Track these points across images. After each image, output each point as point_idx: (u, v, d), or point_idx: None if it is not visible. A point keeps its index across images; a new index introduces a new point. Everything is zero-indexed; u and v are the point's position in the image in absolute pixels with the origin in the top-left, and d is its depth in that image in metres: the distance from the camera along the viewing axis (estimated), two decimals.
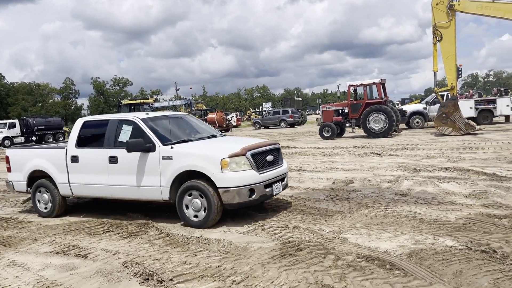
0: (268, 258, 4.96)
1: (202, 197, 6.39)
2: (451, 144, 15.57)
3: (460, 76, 20.23)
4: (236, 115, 59.40)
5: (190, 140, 7.33)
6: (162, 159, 6.69)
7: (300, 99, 69.17)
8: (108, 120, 7.63)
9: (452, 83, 19.49)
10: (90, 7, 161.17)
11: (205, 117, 39.96)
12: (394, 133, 21.81)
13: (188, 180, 6.54)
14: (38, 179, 8.18)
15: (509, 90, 33.06)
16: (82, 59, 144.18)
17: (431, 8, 19.41)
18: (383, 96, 22.51)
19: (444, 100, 20.18)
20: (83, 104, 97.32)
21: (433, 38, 19.39)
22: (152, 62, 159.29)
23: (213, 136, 7.89)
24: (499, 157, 11.72)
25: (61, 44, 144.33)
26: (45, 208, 8.14)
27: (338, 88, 30.15)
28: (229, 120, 45.99)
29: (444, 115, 19.40)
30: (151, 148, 6.78)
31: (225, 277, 4.52)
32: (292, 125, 41.67)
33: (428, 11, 19.46)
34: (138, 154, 6.87)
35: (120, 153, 7.07)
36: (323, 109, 24.74)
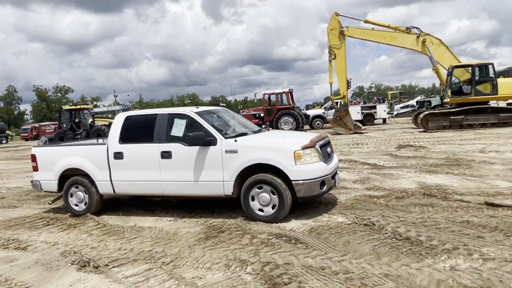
0: (195, 241, 4.86)
1: (272, 191, 5.36)
2: (344, 141, 16.43)
3: (349, 87, 21.38)
4: None
5: (246, 134, 6.19)
6: (226, 152, 5.56)
7: (224, 105, 69.17)
8: (155, 114, 6.24)
9: (343, 92, 20.60)
10: (32, 22, 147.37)
11: None
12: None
13: (250, 174, 5.49)
14: (68, 178, 6.64)
15: (385, 99, 35.62)
16: (24, 69, 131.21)
17: (327, 33, 20.35)
18: (291, 103, 23.37)
19: (338, 106, 21.27)
20: (26, 109, 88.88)
21: (329, 56, 20.31)
22: (92, 72, 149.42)
23: (259, 131, 6.71)
24: (378, 150, 12.58)
25: (4, 55, 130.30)
26: (79, 206, 6.62)
27: (255, 96, 30.52)
28: None
29: (338, 118, 20.48)
30: (212, 142, 5.63)
31: (156, 259, 4.34)
32: None
33: (325, 35, 20.36)
34: (196, 148, 5.69)
35: (175, 147, 5.85)
36: (243, 113, 25.05)
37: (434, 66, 18.84)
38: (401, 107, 32.91)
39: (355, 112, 25.10)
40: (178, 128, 5.96)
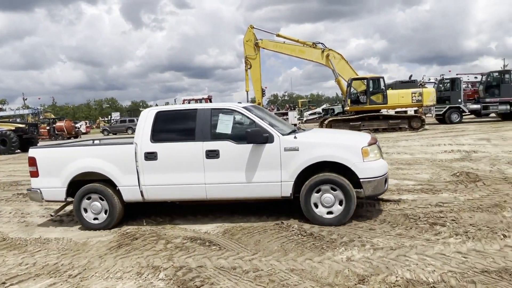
0: (106, 250, 4.51)
1: (334, 190, 4.84)
2: None
3: (264, 95, 22.04)
4: (86, 123, 53.78)
5: (295, 131, 5.53)
6: (285, 150, 4.92)
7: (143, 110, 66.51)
8: (195, 109, 5.33)
9: (258, 100, 21.13)
10: None
11: (54, 125, 34.99)
12: None
13: (308, 174, 4.90)
14: (78, 185, 5.39)
15: (296, 106, 37.35)
16: None
17: (243, 44, 20.72)
18: None
19: None
20: None
21: (245, 66, 20.70)
22: None
23: (299, 129, 6.06)
24: None
25: None
26: (96, 219, 5.38)
27: (175, 102, 29.94)
28: (78, 128, 41.33)
29: None
30: (268, 139, 4.95)
31: (62, 272, 3.93)
32: None
33: (242, 45, 20.71)
34: (248, 146, 4.99)
35: (223, 146, 5.06)
36: None
37: (336, 78, 20.30)
38: (310, 114, 34.98)
39: None
40: (225, 125, 5.17)
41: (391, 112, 19.97)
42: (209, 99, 23.83)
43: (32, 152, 5.56)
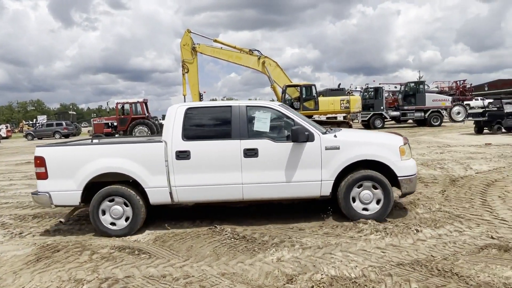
0: (22, 265, 4.07)
1: (375, 189, 4.86)
2: None
3: (202, 99, 21.74)
4: (6, 126, 48.58)
5: (329, 131, 5.32)
6: (326, 149, 4.81)
7: (75, 113, 62.03)
8: (229, 106, 5.01)
9: None
10: None
11: None
12: None
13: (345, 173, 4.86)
14: (95, 188, 4.79)
15: None
16: None
17: (180, 48, 20.31)
18: (146, 112, 22.41)
19: None
20: None
21: (182, 70, 20.30)
22: None
23: (328, 130, 5.72)
24: None
25: None
26: (113, 224, 4.84)
27: (107, 105, 28.28)
28: None
29: None
30: (309, 137, 4.77)
31: None
32: (66, 136, 36.79)
33: (179, 49, 20.30)
34: (288, 145, 4.81)
35: (262, 144, 4.82)
36: (94, 122, 22.93)
37: (272, 84, 20.75)
38: None
39: None
40: (262, 123, 4.95)
41: (323, 117, 20.92)
42: (145, 103, 22.88)
43: (40, 151, 4.84)
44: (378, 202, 4.91)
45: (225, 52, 20.50)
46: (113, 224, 4.87)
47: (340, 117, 20.97)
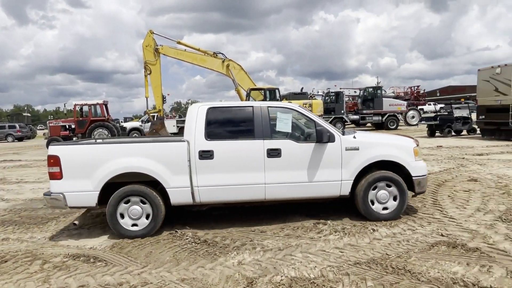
0: None
1: (389, 187, 5.03)
2: None
3: (165, 102, 21.32)
4: None
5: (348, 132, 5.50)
6: (346, 150, 4.91)
7: (29, 114, 58.66)
8: (251, 106, 5.02)
9: (159, 107, 20.36)
10: None
11: None
12: None
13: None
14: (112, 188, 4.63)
15: None
16: None
17: (142, 49, 19.81)
18: (106, 114, 21.62)
19: (154, 119, 20.88)
20: None
21: (144, 71, 19.76)
22: None
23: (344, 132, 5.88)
24: None
25: None
26: (135, 225, 4.72)
27: (64, 106, 26.86)
28: None
29: (154, 130, 20.08)
30: (331, 138, 4.84)
31: None
32: (20, 139, 34.61)
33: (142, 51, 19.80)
34: (310, 145, 4.89)
35: (285, 144, 4.85)
36: (51, 124, 21.72)
37: (236, 87, 20.73)
38: None
39: (171, 126, 25.21)
40: (284, 123, 4.97)
41: None
42: (105, 105, 22.03)
43: (55, 150, 4.62)
44: (394, 199, 5.08)
45: (189, 54, 20.23)
46: (134, 225, 4.74)
47: None
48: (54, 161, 4.62)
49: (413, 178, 5.05)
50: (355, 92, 33.99)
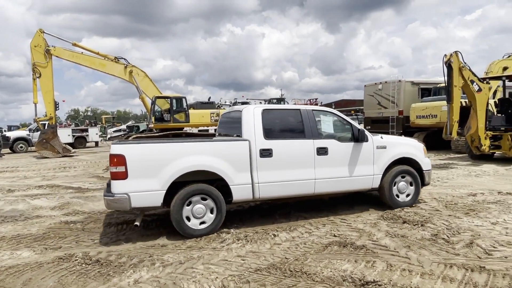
0: None
1: (403, 178, 5.98)
2: (49, 165, 14.41)
3: (58, 108, 19.18)
4: None
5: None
6: (377, 148, 5.76)
7: None
8: (298, 109, 5.52)
9: (50, 114, 18.23)
10: None
11: None
12: None
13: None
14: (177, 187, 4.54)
15: (98, 122, 34.44)
16: None
17: (30, 49, 17.62)
18: None
19: (45, 128, 18.63)
20: None
21: (33, 74, 17.60)
22: None
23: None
24: (86, 173, 11.75)
25: None
26: (203, 223, 4.73)
27: None
28: None
29: (44, 140, 17.94)
30: (366, 138, 5.65)
31: None
32: None
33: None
34: (350, 144, 5.59)
35: (330, 144, 5.45)
36: None
37: (140, 95, 19.76)
38: (114, 131, 32.80)
39: (66, 135, 22.85)
40: (327, 125, 5.72)
41: (195, 130, 20.90)
42: None
43: (119, 149, 4.44)
44: (411, 184, 6.04)
45: (86, 58, 18.64)
46: (202, 223, 4.78)
47: (211, 130, 21.28)
48: (119, 160, 4.42)
49: (424, 171, 6.12)
50: (260, 102, 35.32)
